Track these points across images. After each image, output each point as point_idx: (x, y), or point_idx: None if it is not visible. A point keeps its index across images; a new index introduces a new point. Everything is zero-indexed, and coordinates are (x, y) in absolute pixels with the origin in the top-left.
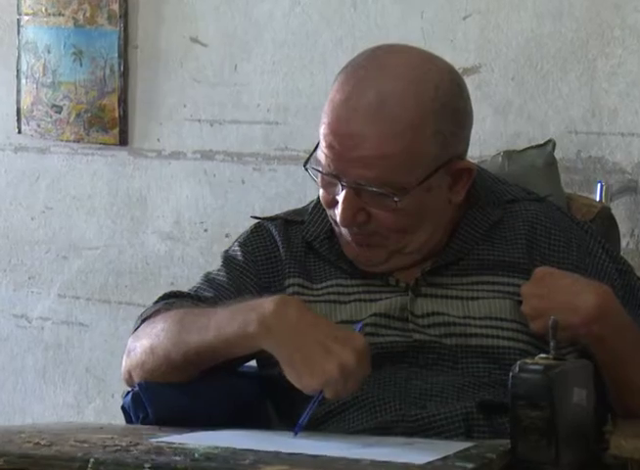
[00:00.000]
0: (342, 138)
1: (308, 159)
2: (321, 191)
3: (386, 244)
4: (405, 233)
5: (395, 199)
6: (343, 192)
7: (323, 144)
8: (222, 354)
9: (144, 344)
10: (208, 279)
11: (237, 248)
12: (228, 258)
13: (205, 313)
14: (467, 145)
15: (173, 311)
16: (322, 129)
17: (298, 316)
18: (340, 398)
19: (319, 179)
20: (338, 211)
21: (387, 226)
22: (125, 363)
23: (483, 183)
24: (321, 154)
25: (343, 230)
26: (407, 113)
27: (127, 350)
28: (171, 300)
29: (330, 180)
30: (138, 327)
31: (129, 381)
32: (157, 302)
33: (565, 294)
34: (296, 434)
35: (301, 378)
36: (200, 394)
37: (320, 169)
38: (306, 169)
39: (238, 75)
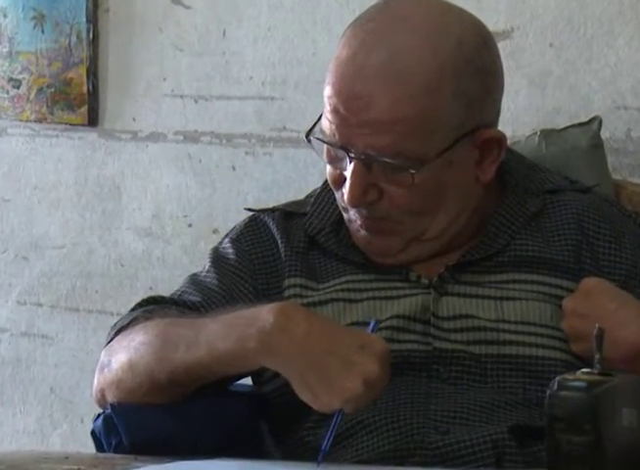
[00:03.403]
0: (347, 100)
1: (312, 128)
2: (328, 168)
3: (399, 230)
4: (422, 216)
5: (412, 171)
6: (352, 165)
7: (327, 108)
8: (215, 373)
9: (120, 359)
10: (195, 281)
11: (228, 244)
12: (218, 257)
13: (193, 325)
14: (497, 112)
15: (155, 321)
16: (325, 91)
17: (305, 327)
18: (361, 410)
19: (324, 153)
20: (345, 188)
21: (400, 206)
22: (98, 381)
23: (519, 168)
24: (325, 121)
25: (352, 214)
26: (423, 71)
27: (100, 365)
28: (151, 306)
29: (336, 153)
30: (112, 339)
31: (101, 401)
32: (133, 309)
33: (607, 321)
34: (319, 464)
35: (319, 398)
36: (183, 415)
37: (325, 140)
38: (309, 141)
39: (227, 43)
